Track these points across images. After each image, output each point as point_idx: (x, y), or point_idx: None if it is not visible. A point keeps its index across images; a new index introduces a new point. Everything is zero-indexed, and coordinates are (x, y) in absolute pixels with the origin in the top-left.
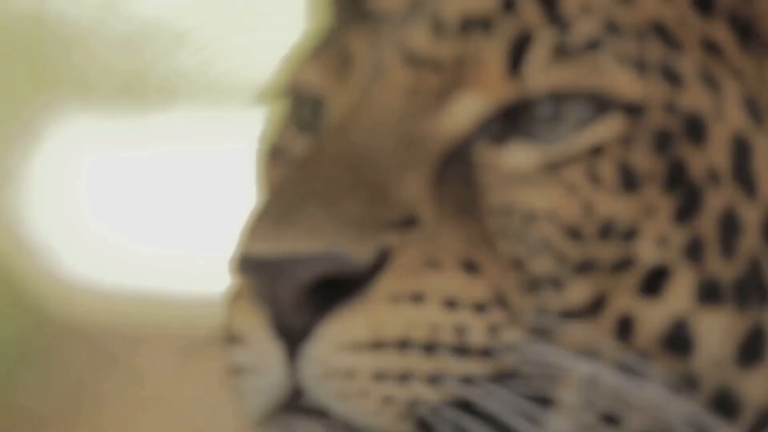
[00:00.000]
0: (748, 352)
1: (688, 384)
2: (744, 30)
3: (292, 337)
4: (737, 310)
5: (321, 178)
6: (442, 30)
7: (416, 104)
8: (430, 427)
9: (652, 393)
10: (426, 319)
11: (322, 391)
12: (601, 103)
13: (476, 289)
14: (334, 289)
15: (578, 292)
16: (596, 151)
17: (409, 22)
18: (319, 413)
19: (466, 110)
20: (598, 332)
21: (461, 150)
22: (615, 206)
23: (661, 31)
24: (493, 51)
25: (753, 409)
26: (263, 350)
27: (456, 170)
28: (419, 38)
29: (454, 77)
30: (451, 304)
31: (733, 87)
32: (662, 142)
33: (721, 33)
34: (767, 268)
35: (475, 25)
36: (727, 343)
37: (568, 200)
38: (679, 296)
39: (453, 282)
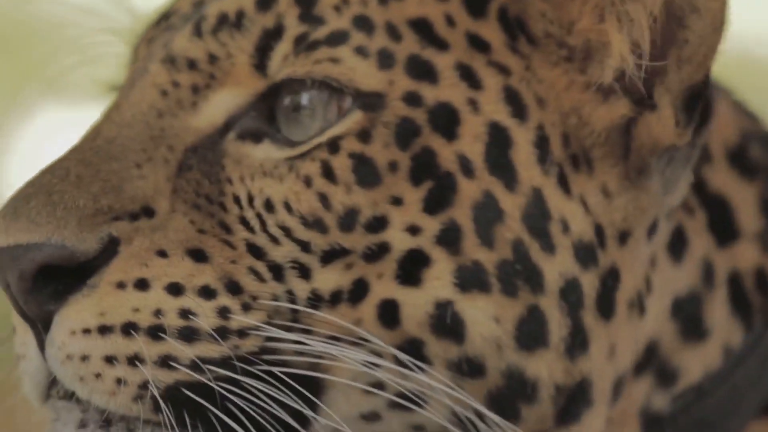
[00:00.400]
0: (529, 335)
1: (473, 368)
2: (518, 28)
3: (41, 324)
4: (505, 295)
5: (56, 173)
6: (200, 30)
7: (170, 101)
8: (165, 408)
9: (433, 378)
10: (150, 304)
11: (65, 376)
12: (340, 95)
13: (203, 275)
14: (75, 278)
15: (328, 279)
16: (332, 146)
17: (182, 24)
18: (74, 395)
19: (218, 106)
20: (358, 320)
21: (210, 144)
22: (352, 198)
23: (422, 28)
24: (242, 48)
25: (549, 387)
26: (24, 338)
27: (202, 162)
28: (180, 39)
29: (209, 75)
30: (176, 289)
31: (496, 82)
32: (405, 134)
33: (491, 32)
34: (534, 254)
35: (228, 24)
36: (502, 327)
37: (303, 193)
38: (439, 283)
39: (178, 269)
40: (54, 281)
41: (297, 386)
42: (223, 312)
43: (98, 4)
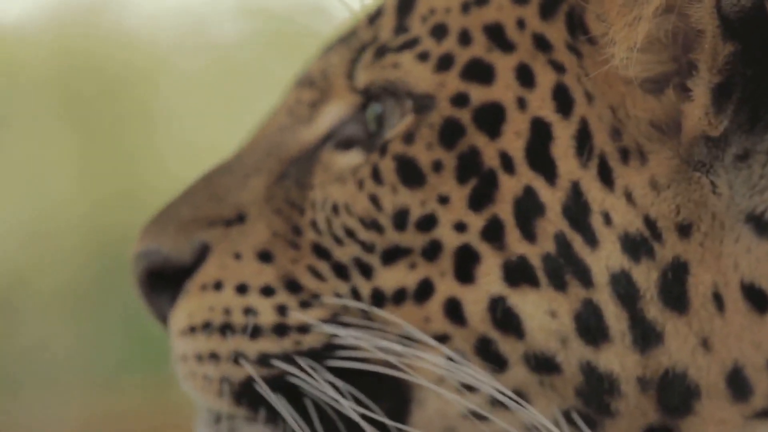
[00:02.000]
0: (589, 329)
1: (544, 364)
2: (579, 29)
3: (167, 327)
4: (555, 289)
5: (187, 189)
6: (325, 50)
7: (293, 118)
8: (247, 403)
9: (511, 378)
10: (222, 303)
11: (180, 376)
12: (402, 98)
13: (265, 275)
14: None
15: (390, 278)
16: (383, 150)
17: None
18: None
19: (324, 118)
20: (426, 318)
21: (310, 154)
22: (400, 198)
23: (494, 32)
24: (341, 61)
25: (629, 380)
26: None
27: (298, 171)
28: (314, 61)
29: (322, 90)
30: (243, 288)
31: (549, 80)
32: (450, 134)
33: (555, 32)
34: (577, 248)
35: (342, 41)
36: (559, 321)
37: (358, 195)
38: (489, 279)
39: (246, 270)
40: (174, 286)
41: (345, 386)
42: (282, 309)
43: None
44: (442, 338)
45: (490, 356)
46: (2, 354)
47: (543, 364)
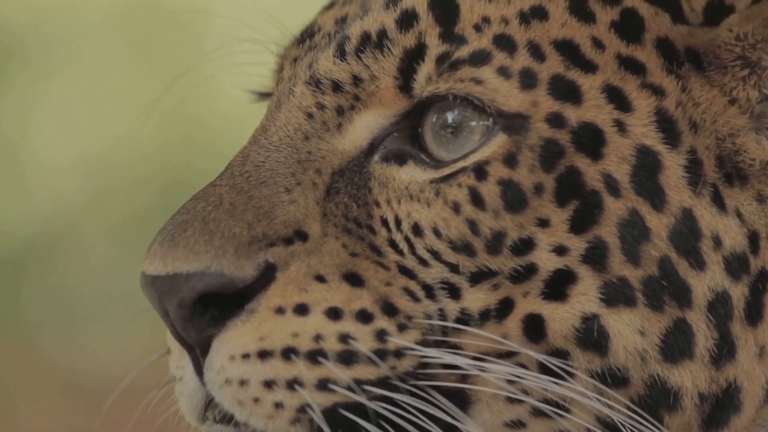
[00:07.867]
0: (674, 347)
1: (617, 378)
2: (685, 57)
3: (198, 348)
4: (651, 309)
5: (210, 201)
6: (343, 52)
7: (316, 124)
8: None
9: (577, 388)
10: (310, 329)
11: (223, 399)
12: (483, 114)
13: (360, 299)
14: (232, 303)
15: (477, 299)
16: (479, 172)
17: (326, 45)
18: (231, 419)
19: (362, 127)
20: (504, 335)
21: (356, 166)
22: (500, 223)
23: (568, 50)
24: (385, 69)
25: (693, 396)
26: (180, 361)
27: (349, 185)
28: (325, 61)
29: (354, 96)
30: (335, 314)
31: (647, 104)
32: (550, 156)
33: (646, 55)
34: (682, 272)
35: (370, 44)
36: (647, 339)
37: (452, 219)
38: (585, 298)
39: (337, 294)
40: (211, 307)
41: (445, 401)
42: (381, 335)
43: (247, 15)
44: (512, 354)
45: (554, 370)
46: (67, 286)
47: (613, 378)
